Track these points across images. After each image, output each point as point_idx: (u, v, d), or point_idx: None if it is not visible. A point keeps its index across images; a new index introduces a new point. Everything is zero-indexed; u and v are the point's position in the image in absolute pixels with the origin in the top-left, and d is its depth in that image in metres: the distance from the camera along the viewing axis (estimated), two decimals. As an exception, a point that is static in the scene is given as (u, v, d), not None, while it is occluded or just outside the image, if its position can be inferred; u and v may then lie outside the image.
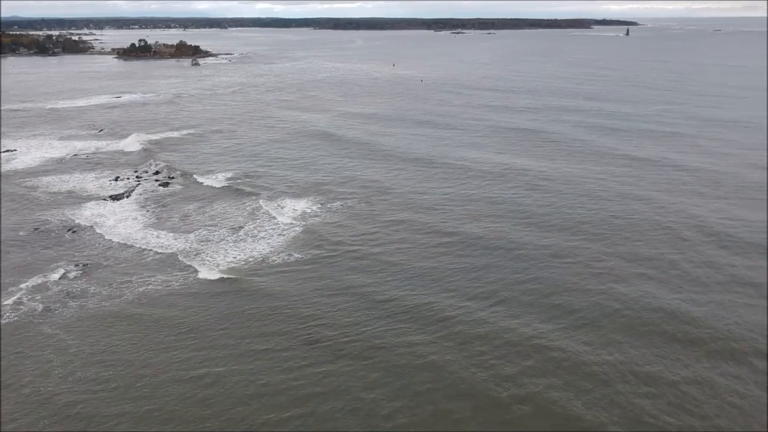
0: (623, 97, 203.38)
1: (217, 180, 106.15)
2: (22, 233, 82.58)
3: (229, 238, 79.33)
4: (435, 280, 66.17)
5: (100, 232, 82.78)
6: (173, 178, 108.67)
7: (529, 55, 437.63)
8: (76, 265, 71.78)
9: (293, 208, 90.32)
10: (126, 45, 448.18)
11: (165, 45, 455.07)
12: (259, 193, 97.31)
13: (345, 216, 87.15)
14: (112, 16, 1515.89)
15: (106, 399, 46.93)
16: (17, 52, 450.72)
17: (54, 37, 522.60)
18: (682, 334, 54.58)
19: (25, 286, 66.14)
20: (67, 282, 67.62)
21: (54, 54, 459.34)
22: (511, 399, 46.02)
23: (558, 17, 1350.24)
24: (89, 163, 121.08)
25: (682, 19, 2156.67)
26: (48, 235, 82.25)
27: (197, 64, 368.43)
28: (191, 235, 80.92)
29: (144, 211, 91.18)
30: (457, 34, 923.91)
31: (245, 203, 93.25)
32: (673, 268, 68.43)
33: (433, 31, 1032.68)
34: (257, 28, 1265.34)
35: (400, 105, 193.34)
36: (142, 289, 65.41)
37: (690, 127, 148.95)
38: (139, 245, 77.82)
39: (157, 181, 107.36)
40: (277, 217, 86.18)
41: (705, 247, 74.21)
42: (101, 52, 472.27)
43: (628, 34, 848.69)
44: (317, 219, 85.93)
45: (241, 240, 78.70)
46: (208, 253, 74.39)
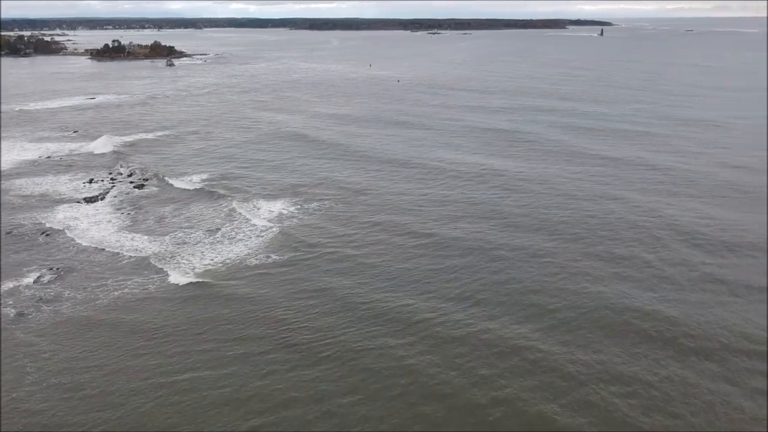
0: (597, 97, 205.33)
1: (193, 182, 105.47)
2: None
3: (205, 240, 78.82)
4: (412, 281, 66.27)
5: (74, 235, 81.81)
6: (148, 180, 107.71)
7: (505, 56, 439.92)
8: (49, 269, 70.88)
9: (269, 210, 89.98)
10: (99, 45, 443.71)
11: (139, 45, 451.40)
12: (235, 195, 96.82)
13: (322, 218, 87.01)
14: (85, 16, 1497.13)
15: (79, 406, 46.37)
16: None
17: (26, 38, 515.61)
18: (656, 333, 55.22)
19: (-2, 291, 65.13)
20: (40, 286, 66.75)
21: (26, 55, 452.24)
22: (487, 400, 46.21)
23: (533, 17, 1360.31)
24: (63, 165, 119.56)
25: (655, 20, 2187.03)
26: (21, 238, 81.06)
27: (172, 65, 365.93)
28: (167, 237, 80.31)
29: (119, 214, 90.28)
30: (434, 34, 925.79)
31: (221, 205, 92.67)
32: (647, 267, 69.25)
33: (409, 31, 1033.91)
34: (233, 29, 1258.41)
35: (376, 106, 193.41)
36: (117, 293, 64.74)
37: (663, 126, 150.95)
38: (113, 248, 76.97)
39: (131, 183, 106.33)
40: (254, 219, 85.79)
41: (678, 246, 75.18)
42: (74, 53, 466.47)
43: (602, 34, 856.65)
44: (294, 221, 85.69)
45: (217, 242, 78.22)
46: (184, 256, 73.85)
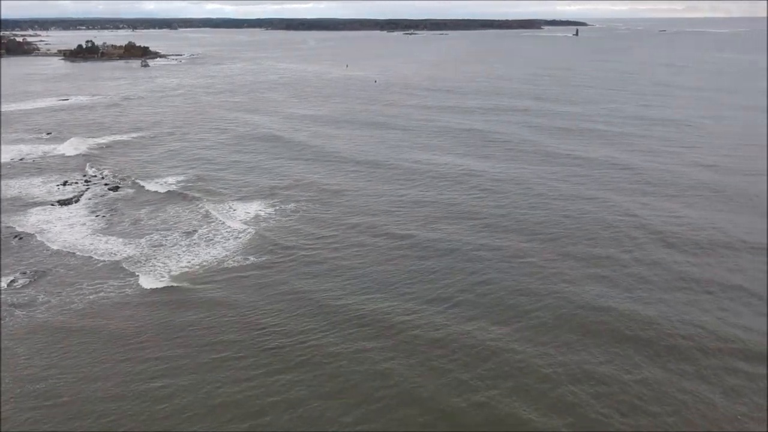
0: (572, 98, 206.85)
1: (168, 184, 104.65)
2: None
3: (181, 243, 78.24)
4: (390, 284, 66.33)
5: (47, 238, 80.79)
6: (123, 181, 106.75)
7: (481, 56, 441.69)
8: (23, 274, 69.95)
9: (246, 212, 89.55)
10: (73, 46, 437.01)
11: (113, 46, 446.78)
12: (211, 197, 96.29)
13: (299, 220, 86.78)
14: (58, 16, 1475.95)
15: (56, 415, 45.83)
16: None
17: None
18: (632, 333, 55.76)
19: (-31, 296, 64.21)
20: (13, 291, 65.91)
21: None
22: (465, 404, 46.31)
23: (509, 18, 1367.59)
24: (36, 168, 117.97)
25: (629, 20, 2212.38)
26: (-7, 243, 79.99)
27: (147, 66, 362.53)
28: (143, 240, 79.63)
29: (93, 216, 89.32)
30: (410, 34, 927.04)
31: (198, 207, 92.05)
32: (623, 267, 69.94)
33: (386, 31, 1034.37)
34: (208, 29, 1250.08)
35: (353, 106, 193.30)
36: (92, 297, 64.07)
37: (636, 126, 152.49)
38: (88, 252, 76.12)
39: (106, 185, 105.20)
40: (230, 222, 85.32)
41: (653, 246, 76.01)
42: (47, 54, 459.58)
43: (577, 34, 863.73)
44: (270, 223, 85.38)
45: (194, 244, 77.67)
46: (160, 259, 73.27)
